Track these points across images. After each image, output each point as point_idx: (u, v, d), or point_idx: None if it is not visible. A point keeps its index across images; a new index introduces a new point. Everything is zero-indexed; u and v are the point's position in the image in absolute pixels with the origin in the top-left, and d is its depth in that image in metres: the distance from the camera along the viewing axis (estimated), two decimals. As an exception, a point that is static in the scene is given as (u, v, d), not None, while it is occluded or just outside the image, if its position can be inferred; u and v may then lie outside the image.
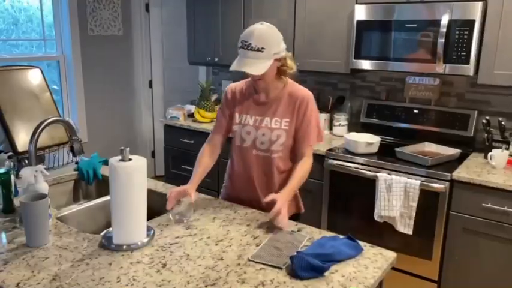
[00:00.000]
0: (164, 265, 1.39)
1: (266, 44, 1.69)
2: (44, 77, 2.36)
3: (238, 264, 1.40)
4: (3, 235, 1.58)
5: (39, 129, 1.76)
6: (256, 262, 1.41)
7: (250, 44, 1.69)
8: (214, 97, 3.87)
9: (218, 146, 1.98)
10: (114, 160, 1.46)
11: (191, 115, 3.80)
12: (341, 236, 1.57)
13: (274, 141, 1.85)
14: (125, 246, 1.48)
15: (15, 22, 3.77)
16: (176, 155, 3.82)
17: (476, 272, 2.47)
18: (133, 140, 4.70)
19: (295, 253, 1.40)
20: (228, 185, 2.06)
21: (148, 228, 1.58)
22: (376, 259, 1.46)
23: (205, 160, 1.93)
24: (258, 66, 1.70)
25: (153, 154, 4.92)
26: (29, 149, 1.76)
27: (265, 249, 1.49)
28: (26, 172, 1.63)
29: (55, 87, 4.05)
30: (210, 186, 3.37)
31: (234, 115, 1.92)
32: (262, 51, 1.69)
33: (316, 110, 1.89)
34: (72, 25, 3.94)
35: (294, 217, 1.91)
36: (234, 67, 1.73)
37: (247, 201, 1.91)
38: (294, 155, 1.90)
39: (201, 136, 3.44)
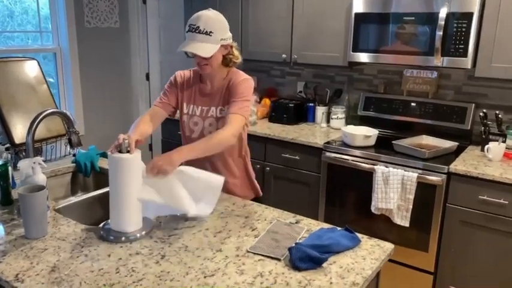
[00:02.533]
0: (163, 256, 1.39)
1: (214, 29, 1.71)
2: (40, 69, 2.35)
3: (237, 256, 1.41)
4: (1, 227, 1.58)
5: (36, 121, 1.76)
6: (254, 253, 1.42)
7: (198, 27, 1.70)
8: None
9: (159, 120, 1.91)
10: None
11: (188, 108, 3.79)
12: (339, 228, 1.58)
13: None
14: (123, 238, 1.48)
15: (11, 14, 3.74)
16: (173, 148, 3.79)
17: (473, 263, 2.50)
18: (130, 132, 4.69)
19: (294, 244, 1.41)
20: None
21: (147, 220, 1.59)
22: (373, 250, 1.47)
23: (143, 127, 1.81)
24: (206, 49, 1.71)
25: (150, 147, 4.91)
26: (27, 141, 1.76)
27: (263, 241, 1.49)
28: (24, 164, 1.63)
29: (51, 79, 4.02)
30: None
31: (182, 103, 1.93)
32: (210, 35, 1.71)
33: (248, 91, 1.84)
34: (69, 17, 3.91)
35: (254, 200, 1.94)
36: (182, 48, 1.73)
37: None
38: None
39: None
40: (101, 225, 1.58)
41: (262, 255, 1.41)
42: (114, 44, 4.35)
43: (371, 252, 1.46)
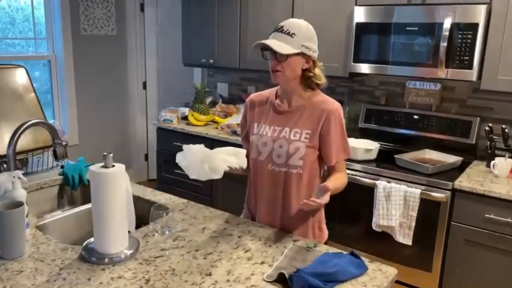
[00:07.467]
0: (147, 281, 1.29)
1: (297, 32, 1.63)
2: (29, 76, 2.25)
3: (228, 281, 1.30)
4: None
5: (18, 132, 1.66)
6: (269, 282, 1.30)
7: (282, 27, 1.64)
8: (209, 100, 3.77)
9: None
10: (95, 167, 1.37)
11: (185, 118, 3.70)
12: (345, 252, 1.47)
13: (292, 154, 1.66)
14: (106, 259, 1.38)
15: (12, 22, 3.70)
16: (168, 158, 3.71)
17: (478, 284, 2.39)
18: (126, 142, 4.60)
19: (295, 271, 1.29)
20: (247, 203, 1.88)
21: (133, 240, 1.48)
22: (375, 276, 1.37)
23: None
24: (282, 46, 1.60)
25: (146, 157, 4.82)
26: (8, 153, 1.66)
27: (281, 268, 1.34)
28: (3, 178, 1.53)
29: (46, 87, 3.95)
30: (203, 191, 3.28)
31: (253, 124, 1.77)
32: (292, 37, 1.62)
33: (343, 123, 1.75)
34: (64, 24, 3.84)
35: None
36: (256, 43, 1.63)
37: (264, 222, 1.75)
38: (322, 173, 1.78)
39: (195, 140, 3.34)
40: (84, 244, 1.48)
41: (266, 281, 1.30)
42: (111, 52, 4.28)
43: (372, 278, 1.35)
